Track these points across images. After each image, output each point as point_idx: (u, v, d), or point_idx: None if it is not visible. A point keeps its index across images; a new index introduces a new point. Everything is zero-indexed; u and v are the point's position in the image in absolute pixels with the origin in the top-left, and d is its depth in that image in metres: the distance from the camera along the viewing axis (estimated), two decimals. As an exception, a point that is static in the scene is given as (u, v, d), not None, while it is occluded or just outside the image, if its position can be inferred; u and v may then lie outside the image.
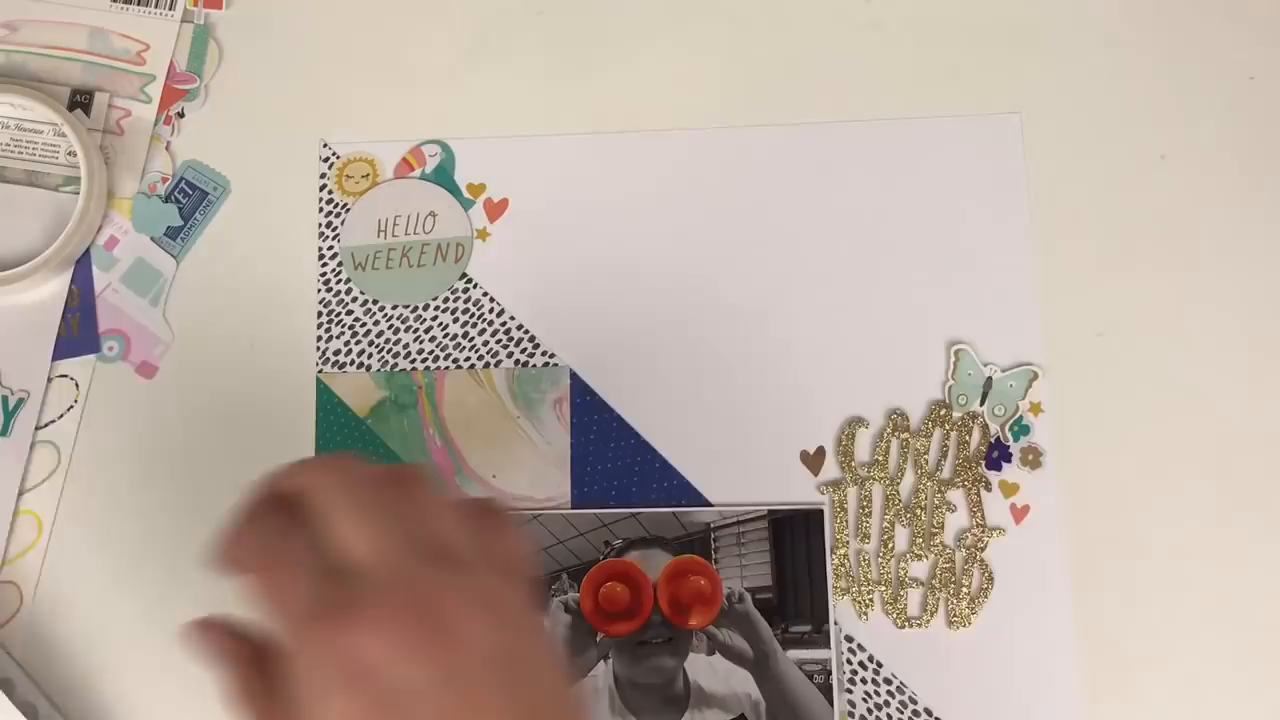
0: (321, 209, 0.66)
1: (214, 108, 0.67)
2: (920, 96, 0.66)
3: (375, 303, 0.64)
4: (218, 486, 0.62)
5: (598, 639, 0.59)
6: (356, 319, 0.64)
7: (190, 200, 0.66)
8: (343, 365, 0.64)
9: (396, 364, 0.64)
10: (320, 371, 0.64)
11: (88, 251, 0.65)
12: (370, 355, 0.64)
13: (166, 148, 0.67)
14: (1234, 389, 0.62)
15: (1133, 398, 0.62)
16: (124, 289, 0.65)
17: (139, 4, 0.68)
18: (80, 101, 0.66)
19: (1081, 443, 0.61)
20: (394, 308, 0.64)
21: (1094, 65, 0.66)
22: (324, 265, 0.65)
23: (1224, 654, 0.59)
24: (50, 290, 0.65)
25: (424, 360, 0.64)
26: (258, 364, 0.64)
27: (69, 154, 0.65)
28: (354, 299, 0.65)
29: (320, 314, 0.64)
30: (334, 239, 0.65)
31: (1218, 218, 0.64)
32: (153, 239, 0.65)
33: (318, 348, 0.64)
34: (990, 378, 0.62)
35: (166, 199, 0.66)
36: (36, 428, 0.63)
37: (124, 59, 0.67)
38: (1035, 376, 0.62)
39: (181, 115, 0.67)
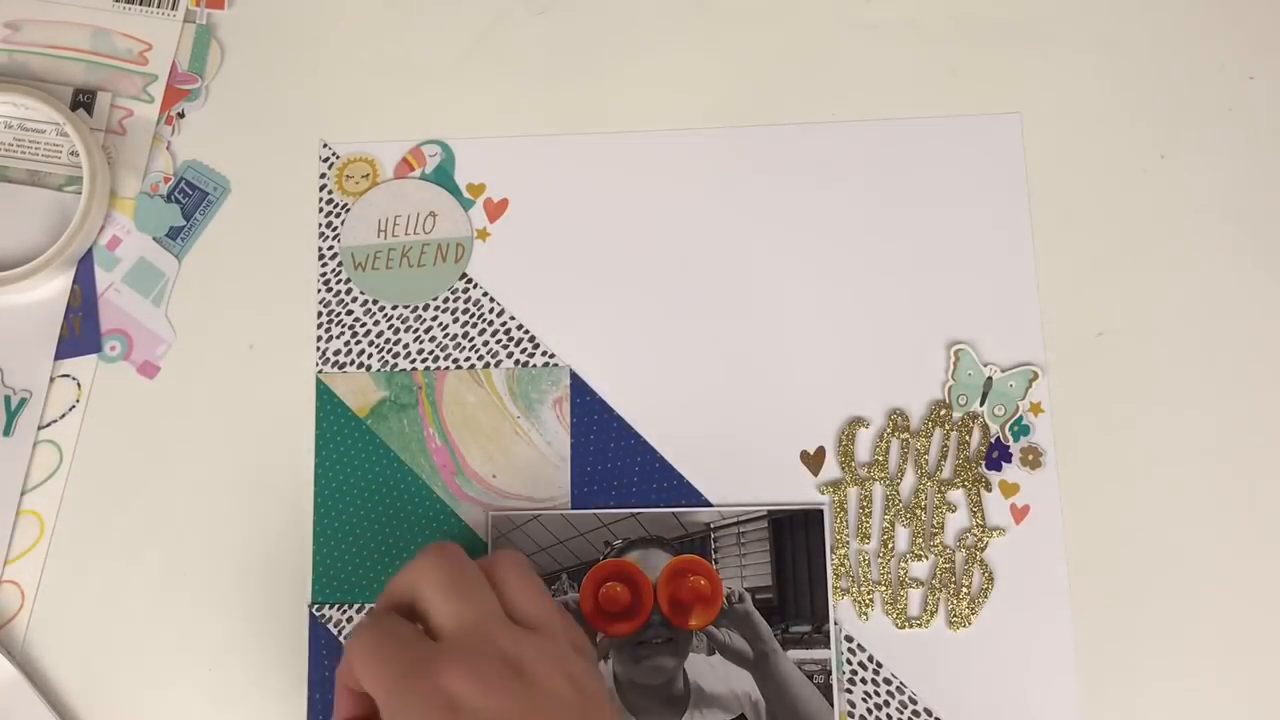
0: (321, 209, 0.66)
1: (214, 108, 0.67)
2: (920, 97, 0.66)
3: (375, 303, 0.64)
4: (218, 486, 0.63)
5: (598, 639, 0.59)
6: (356, 319, 0.64)
7: (190, 200, 0.66)
8: (343, 365, 0.64)
9: (396, 364, 0.64)
10: (320, 372, 0.64)
11: (90, 251, 0.65)
12: (370, 355, 0.64)
13: (167, 148, 0.67)
14: (1235, 389, 0.62)
15: (1133, 397, 0.62)
16: (126, 289, 0.65)
17: (141, 4, 0.68)
18: (83, 101, 0.66)
19: (1082, 443, 0.61)
20: (394, 308, 0.64)
21: (1094, 65, 0.66)
22: (324, 265, 0.65)
23: (1225, 655, 0.59)
24: (53, 290, 0.65)
25: (424, 360, 0.64)
26: (258, 364, 0.64)
27: (71, 154, 0.66)
28: (354, 299, 0.65)
29: (320, 314, 0.65)
30: (334, 239, 0.65)
31: (1218, 218, 0.64)
32: (155, 239, 0.66)
33: (318, 348, 0.64)
34: (990, 378, 0.62)
35: (168, 199, 0.66)
36: (39, 427, 0.63)
37: (126, 59, 0.67)
38: (1035, 377, 0.62)
39: (182, 115, 0.67)
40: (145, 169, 0.66)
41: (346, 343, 0.64)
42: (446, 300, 0.64)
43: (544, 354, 0.63)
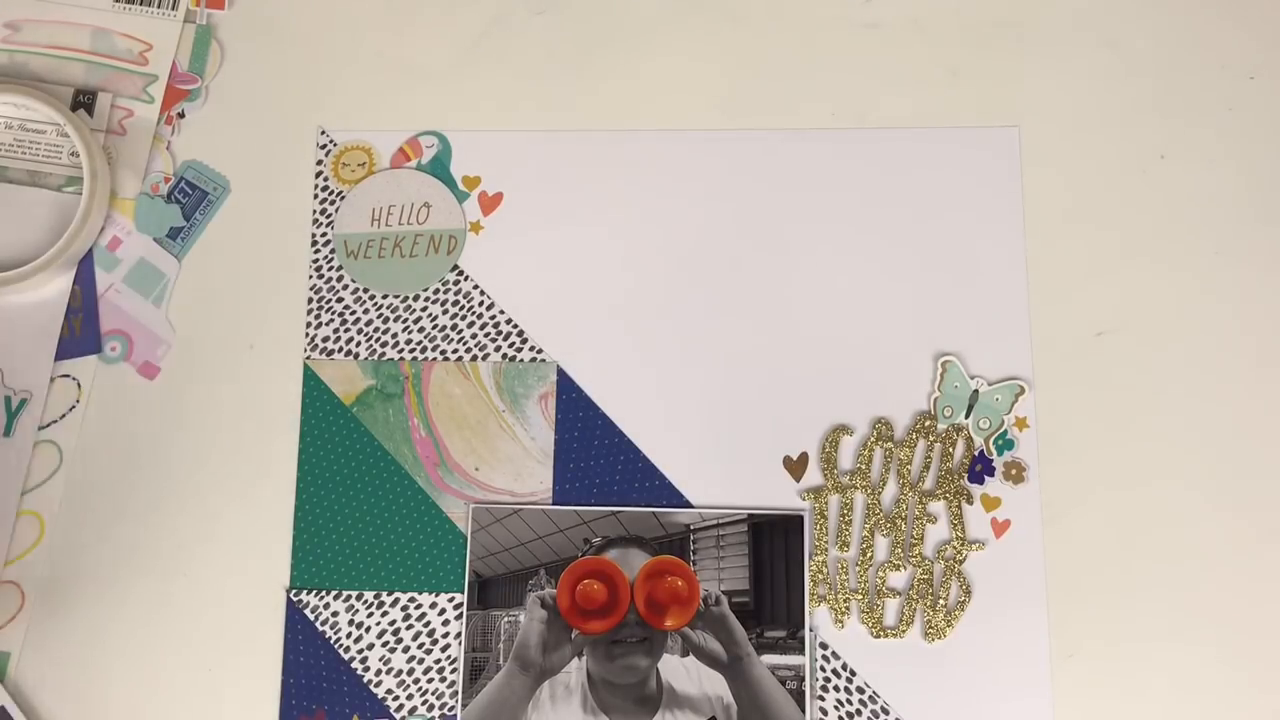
0: (316, 194, 0.66)
1: (214, 108, 0.67)
2: (920, 96, 0.65)
3: (366, 291, 0.65)
4: (218, 486, 0.63)
5: (573, 635, 0.59)
6: (346, 306, 0.64)
7: (190, 200, 0.66)
8: (331, 353, 0.64)
9: (384, 353, 0.64)
10: (309, 358, 0.64)
11: (90, 252, 0.65)
12: (359, 344, 0.64)
13: (167, 148, 0.66)
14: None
15: (1127, 402, 0.61)
16: (126, 289, 0.65)
17: (141, 4, 0.67)
18: (83, 101, 0.66)
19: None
20: (384, 296, 0.64)
21: (1094, 65, 0.66)
22: (316, 251, 0.65)
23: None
24: (53, 290, 0.64)
25: (411, 350, 0.64)
26: (258, 364, 0.64)
27: (71, 154, 0.65)
28: (345, 286, 0.65)
29: (311, 300, 0.65)
30: (328, 226, 0.65)
31: (1218, 218, 0.63)
32: (155, 239, 0.65)
33: (307, 334, 0.64)
34: (976, 390, 0.61)
35: (168, 199, 0.66)
36: (39, 427, 0.63)
37: (126, 59, 0.67)
38: (1022, 391, 0.61)
39: (182, 115, 0.67)
40: (145, 169, 0.66)
41: (336, 330, 0.64)
42: (437, 291, 0.64)
43: (532, 349, 0.64)
